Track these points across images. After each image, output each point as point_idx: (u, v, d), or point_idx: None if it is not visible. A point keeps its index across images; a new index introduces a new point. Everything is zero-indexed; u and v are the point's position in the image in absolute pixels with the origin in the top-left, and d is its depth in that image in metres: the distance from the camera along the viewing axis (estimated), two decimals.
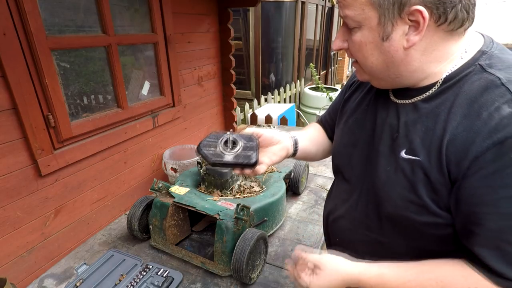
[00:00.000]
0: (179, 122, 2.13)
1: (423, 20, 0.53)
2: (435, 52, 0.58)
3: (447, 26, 0.55)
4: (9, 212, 1.22)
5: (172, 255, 1.32)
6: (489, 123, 0.50)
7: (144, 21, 1.75)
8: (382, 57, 0.59)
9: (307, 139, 0.95)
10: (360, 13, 0.56)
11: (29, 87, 1.20)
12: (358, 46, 0.61)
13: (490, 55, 0.57)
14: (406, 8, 0.53)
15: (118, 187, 1.73)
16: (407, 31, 0.55)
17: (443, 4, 0.52)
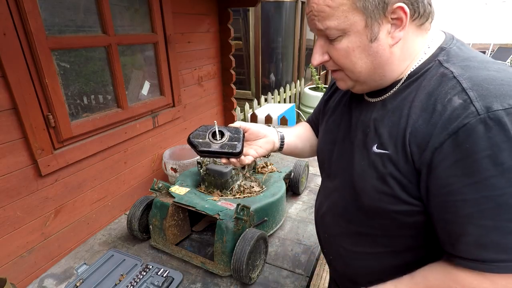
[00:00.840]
0: (179, 122, 2.13)
1: (405, 15, 0.56)
2: (408, 49, 0.61)
3: (419, 20, 0.59)
4: (9, 212, 1.22)
5: (172, 255, 1.32)
6: (443, 115, 0.52)
7: (144, 21, 1.75)
8: (370, 59, 0.61)
9: (294, 135, 0.99)
10: (343, 20, 0.58)
11: (29, 87, 1.20)
12: (345, 53, 0.62)
13: (448, 51, 0.60)
14: (389, 7, 0.55)
15: (118, 187, 1.73)
16: (390, 29, 0.58)
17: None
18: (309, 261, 1.28)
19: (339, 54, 0.63)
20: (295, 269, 1.25)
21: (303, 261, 1.29)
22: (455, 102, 0.52)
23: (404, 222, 0.64)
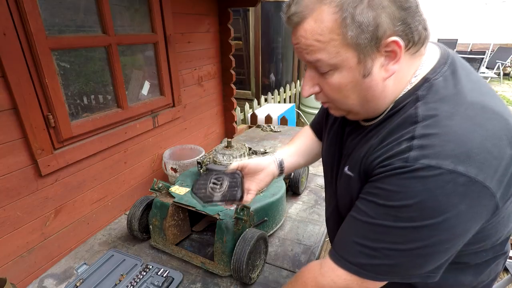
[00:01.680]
0: (179, 122, 2.13)
1: (399, 48, 0.53)
2: (401, 78, 0.59)
3: (414, 48, 0.56)
4: (9, 212, 1.22)
5: (172, 255, 1.32)
6: (385, 153, 0.57)
7: (144, 21, 1.75)
8: (363, 94, 0.59)
9: (295, 153, 1.02)
10: (335, 56, 0.55)
11: (29, 87, 1.20)
12: (337, 88, 0.60)
13: (431, 84, 0.57)
14: (382, 41, 0.53)
15: (118, 187, 1.73)
16: (384, 62, 0.56)
17: (409, 28, 0.53)
18: (309, 261, 1.28)
19: (331, 89, 0.61)
20: (295, 269, 1.25)
21: (303, 261, 1.29)
22: (400, 147, 0.55)
23: None
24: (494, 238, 0.66)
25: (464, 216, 0.51)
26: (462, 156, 0.49)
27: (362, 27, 0.51)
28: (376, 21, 0.51)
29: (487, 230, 0.61)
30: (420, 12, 0.55)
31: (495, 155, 0.50)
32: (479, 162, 0.49)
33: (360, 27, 0.51)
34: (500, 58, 8.78)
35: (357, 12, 0.50)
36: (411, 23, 0.53)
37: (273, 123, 3.38)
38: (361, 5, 0.50)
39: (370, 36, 0.52)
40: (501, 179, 0.51)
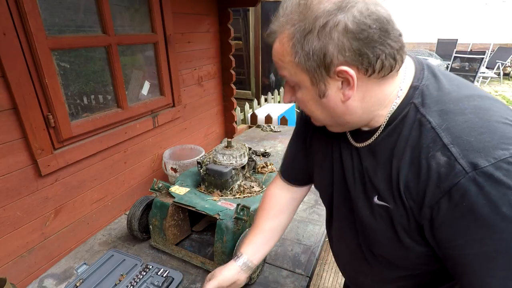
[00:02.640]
0: (179, 122, 2.13)
1: (351, 77, 0.54)
2: (373, 99, 0.59)
3: (377, 74, 0.55)
4: (9, 212, 1.22)
5: (172, 255, 1.32)
6: (430, 171, 0.52)
7: (144, 21, 1.75)
8: (326, 111, 0.61)
9: (262, 240, 0.93)
10: (294, 75, 0.58)
11: (29, 87, 1.20)
12: (301, 103, 0.64)
13: (421, 91, 0.58)
14: (332, 69, 0.54)
15: (118, 187, 1.73)
16: (341, 86, 0.56)
17: (366, 58, 0.53)
18: (309, 261, 1.28)
19: (298, 102, 0.65)
20: (295, 269, 1.25)
21: (303, 261, 1.29)
22: (440, 159, 0.51)
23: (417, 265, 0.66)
24: None
25: None
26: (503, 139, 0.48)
27: (309, 55, 0.54)
28: (322, 51, 0.53)
29: None
30: (386, 42, 0.53)
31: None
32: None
33: (307, 55, 0.54)
34: (500, 58, 8.78)
35: (305, 41, 0.53)
36: (369, 53, 0.53)
37: (273, 123, 3.38)
38: (310, 35, 0.53)
39: (317, 63, 0.54)
40: None
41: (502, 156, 0.46)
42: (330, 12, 0.51)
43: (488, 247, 0.49)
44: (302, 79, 0.58)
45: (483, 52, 6.01)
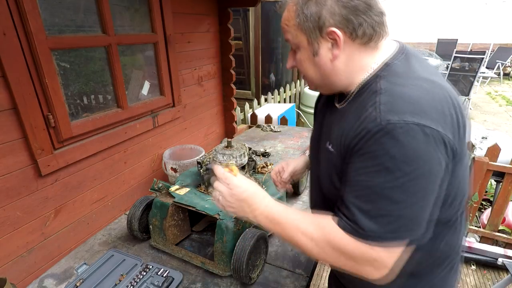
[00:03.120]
0: (179, 122, 2.13)
1: (338, 38, 0.68)
2: (354, 64, 0.73)
3: (360, 40, 0.70)
4: (9, 212, 1.22)
5: (172, 255, 1.32)
6: (360, 124, 0.64)
7: (144, 21, 1.75)
8: (317, 70, 0.75)
9: None
10: (295, 37, 0.73)
11: (29, 87, 1.20)
12: (300, 63, 0.77)
13: (390, 67, 0.70)
14: (324, 30, 0.69)
15: (118, 187, 1.73)
16: (331, 47, 0.71)
17: (351, 23, 0.67)
18: (309, 261, 1.28)
19: (298, 63, 0.78)
20: (295, 269, 1.25)
21: (303, 261, 1.29)
22: (369, 113, 0.63)
23: None
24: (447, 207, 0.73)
25: (435, 160, 0.61)
26: (420, 113, 0.59)
27: (308, 17, 0.69)
28: (318, 14, 0.68)
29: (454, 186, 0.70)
30: (368, 14, 0.67)
31: (445, 113, 0.62)
32: (434, 117, 0.60)
33: (306, 17, 0.69)
34: (500, 58, 8.78)
35: (305, 7, 0.69)
36: (353, 19, 0.67)
37: (273, 123, 3.38)
38: (309, 2, 0.69)
39: (313, 24, 0.69)
40: (453, 133, 0.62)
41: (409, 120, 0.58)
42: None
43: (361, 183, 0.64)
44: (301, 39, 0.72)
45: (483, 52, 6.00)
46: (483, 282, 2.34)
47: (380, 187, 0.62)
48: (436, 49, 8.95)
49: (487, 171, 2.41)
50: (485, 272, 2.43)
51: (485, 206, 3.14)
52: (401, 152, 0.59)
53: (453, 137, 0.62)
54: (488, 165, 2.38)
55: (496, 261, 2.33)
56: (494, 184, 3.01)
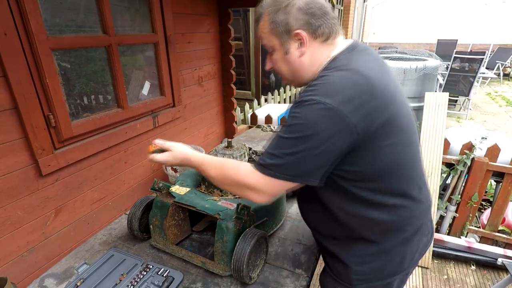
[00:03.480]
0: (179, 122, 2.14)
1: (303, 37, 0.87)
2: (316, 58, 0.90)
3: (320, 38, 0.88)
4: (10, 212, 1.23)
5: (172, 255, 1.32)
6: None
7: (144, 22, 1.76)
8: (288, 66, 0.93)
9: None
10: (270, 41, 0.92)
11: (30, 87, 1.20)
12: (275, 62, 0.95)
13: (334, 61, 0.87)
14: (291, 32, 0.87)
15: (118, 187, 1.73)
16: (298, 46, 0.89)
17: (312, 25, 0.86)
18: (309, 261, 1.29)
19: (273, 63, 0.96)
20: (295, 269, 1.25)
21: (303, 261, 1.29)
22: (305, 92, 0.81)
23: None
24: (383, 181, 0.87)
25: (328, 131, 0.76)
26: (329, 94, 0.77)
27: (278, 24, 0.87)
28: (285, 21, 0.86)
29: (363, 165, 0.84)
30: (325, 18, 0.87)
31: (353, 96, 0.76)
32: (340, 99, 0.75)
33: (277, 24, 0.88)
34: (500, 59, 8.78)
35: (275, 16, 0.88)
36: (313, 23, 0.86)
37: (273, 123, 3.38)
38: (278, 12, 0.87)
39: (283, 29, 0.87)
40: (358, 114, 0.76)
41: (316, 98, 0.77)
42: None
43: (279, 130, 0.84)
44: (275, 42, 0.91)
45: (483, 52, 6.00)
46: (483, 282, 2.34)
47: (280, 135, 0.83)
48: (436, 49, 8.95)
49: (487, 171, 2.41)
50: (485, 272, 2.43)
51: (485, 207, 3.14)
52: (301, 116, 0.78)
53: (358, 117, 0.76)
54: (488, 165, 2.39)
55: (496, 261, 2.33)
56: (494, 185, 3.01)
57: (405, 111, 0.87)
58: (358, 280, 0.98)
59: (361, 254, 0.97)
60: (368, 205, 0.90)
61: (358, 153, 0.81)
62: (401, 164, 0.87)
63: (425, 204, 1.00)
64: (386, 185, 0.88)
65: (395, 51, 5.69)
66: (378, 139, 0.80)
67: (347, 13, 8.14)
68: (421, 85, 3.82)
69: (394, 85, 0.88)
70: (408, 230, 0.96)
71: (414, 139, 0.92)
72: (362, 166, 0.84)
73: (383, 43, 11.52)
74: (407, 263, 0.99)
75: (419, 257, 1.04)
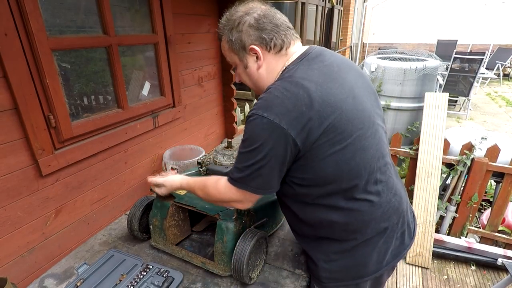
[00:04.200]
0: (180, 122, 2.14)
1: (257, 51, 0.93)
2: (271, 69, 0.96)
3: (273, 50, 0.93)
4: (10, 212, 1.23)
5: (172, 255, 1.32)
6: None
7: (144, 22, 1.76)
8: (249, 78, 1.00)
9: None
10: (231, 58, 1.00)
11: (30, 87, 1.20)
12: (239, 75, 1.03)
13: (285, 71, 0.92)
14: (247, 48, 0.93)
15: (118, 187, 1.73)
16: (255, 60, 0.95)
17: (264, 39, 0.92)
18: None
19: (238, 76, 1.04)
20: (295, 269, 1.25)
21: (303, 261, 1.29)
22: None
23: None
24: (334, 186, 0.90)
25: (269, 142, 0.82)
26: (267, 108, 0.82)
27: (234, 42, 0.94)
28: (239, 38, 0.93)
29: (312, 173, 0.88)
30: (276, 30, 0.92)
31: (290, 108, 0.80)
32: (276, 112, 0.80)
33: (232, 41, 0.94)
34: (499, 59, 8.78)
35: (231, 34, 0.94)
36: (265, 37, 0.91)
37: None
38: (232, 31, 0.94)
39: (238, 46, 0.94)
40: (296, 125, 0.80)
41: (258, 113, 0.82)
42: (240, 16, 0.92)
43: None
44: (235, 59, 0.98)
45: (483, 53, 6.00)
46: (483, 283, 2.34)
47: (239, 151, 0.90)
48: (436, 50, 8.95)
49: (487, 171, 2.41)
50: (485, 273, 2.43)
51: (485, 207, 3.14)
52: (247, 131, 0.86)
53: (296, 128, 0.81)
54: (487, 165, 2.39)
55: (496, 261, 2.33)
56: (493, 185, 3.01)
57: (359, 116, 0.88)
58: (327, 278, 1.03)
59: (327, 252, 1.02)
60: (324, 208, 0.95)
61: (304, 162, 0.87)
62: (352, 170, 0.89)
63: (387, 208, 0.99)
64: (338, 190, 0.92)
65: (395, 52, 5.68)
66: (321, 148, 0.84)
67: (347, 14, 8.14)
68: (421, 86, 3.82)
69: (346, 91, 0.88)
70: (368, 232, 0.97)
71: (371, 143, 0.92)
72: (311, 173, 0.89)
73: (383, 44, 11.53)
74: (373, 265, 1.00)
75: (393, 259, 1.04)
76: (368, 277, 1.02)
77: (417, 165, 2.58)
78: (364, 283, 1.04)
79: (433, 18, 11.04)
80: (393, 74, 3.84)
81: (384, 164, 0.98)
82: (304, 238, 1.09)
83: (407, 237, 1.08)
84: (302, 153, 0.84)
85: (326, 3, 6.67)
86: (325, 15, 6.86)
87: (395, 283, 2.33)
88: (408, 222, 1.08)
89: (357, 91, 0.91)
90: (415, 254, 2.48)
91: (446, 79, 6.12)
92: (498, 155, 2.40)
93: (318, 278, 1.05)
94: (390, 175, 1.01)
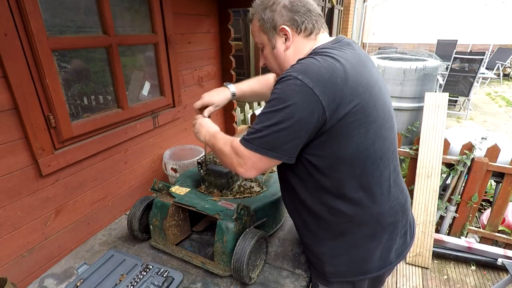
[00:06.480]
0: (179, 122, 2.14)
1: (287, 32, 0.95)
2: (299, 52, 0.97)
3: (303, 33, 0.96)
4: (10, 212, 1.23)
5: (172, 255, 1.32)
6: None
7: (144, 22, 1.76)
8: (276, 60, 1.01)
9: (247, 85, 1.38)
10: (259, 38, 1.01)
11: (30, 87, 1.20)
12: (266, 57, 1.05)
13: (314, 52, 0.91)
14: (277, 28, 0.95)
15: (118, 187, 1.73)
16: (284, 41, 0.97)
17: (296, 22, 0.94)
18: (309, 261, 1.29)
19: (264, 58, 1.05)
20: (295, 269, 1.25)
21: (303, 261, 1.29)
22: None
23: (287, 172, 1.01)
24: (349, 171, 0.89)
25: (299, 105, 0.80)
26: (304, 72, 0.82)
27: (265, 21, 0.96)
28: (272, 18, 0.95)
29: (331, 151, 0.87)
30: (309, 15, 0.95)
31: (326, 77, 0.81)
32: (312, 77, 0.80)
33: (264, 20, 0.96)
34: (500, 59, 8.78)
35: (263, 14, 0.96)
36: (298, 19, 0.94)
37: None
38: (265, 10, 0.96)
39: (270, 25, 0.96)
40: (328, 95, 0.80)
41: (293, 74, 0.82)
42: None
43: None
44: (264, 39, 1.00)
45: (483, 53, 6.00)
46: (483, 283, 2.34)
47: (261, 112, 0.88)
48: (436, 50, 8.95)
49: (487, 171, 2.41)
50: (485, 273, 2.44)
51: (485, 207, 3.14)
52: (277, 91, 0.84)
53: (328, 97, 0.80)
54: (487, 165, 2.39)
55: (496, 261, 2.33)
56: (493, 185, 3.01)
57: (382, 105, 0.90)
58: (331, 273, 1.04)
59: (332, 246, 1.02)
60: (334, 195, 0.94)
61: (326, 138, 0.85)
62: (369, 157, 0.89)
63: (395, 203, 1.00)
64: (352, 177, 0.91)
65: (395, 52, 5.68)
66: (347, 127, 0.83)
67: (347, 13, 8.14)
68: (421, 86, 3.82)
69: (374, 79, 0.90)
70: (374, 226, 0.98)
71: (388, 135, 0.93)
72: (330, 152, 0.87)
73: (383, 44, 11.53)
74: (377, 261, 1.01)
75: (396, 259, 1.05)
76: (370, 274, 1.02)
77: (417, 165, 2.58)
78: (365, 281, 1.05)
79: (433, 18, 11.03)
80: (393, 74, 3.84)
81: (396, 159, 1.00)
82: (308, 231, 1.07)
83: (409, 237, 1.09)
84: (327, 126, 0.83)
85: (326, 3, 6.66)
86: (325, 15, 6.85)
87: (395, 283, 2.33)
88: (410, 221, 1.10)
89: (381, 84, 0.94)
90: (415, 254, 2.48)
91: (446, 79, 6.12)
92: (498, 155, 2.40)
93: (323, 273, 1.05)
94: (399, 172, 1.04)
